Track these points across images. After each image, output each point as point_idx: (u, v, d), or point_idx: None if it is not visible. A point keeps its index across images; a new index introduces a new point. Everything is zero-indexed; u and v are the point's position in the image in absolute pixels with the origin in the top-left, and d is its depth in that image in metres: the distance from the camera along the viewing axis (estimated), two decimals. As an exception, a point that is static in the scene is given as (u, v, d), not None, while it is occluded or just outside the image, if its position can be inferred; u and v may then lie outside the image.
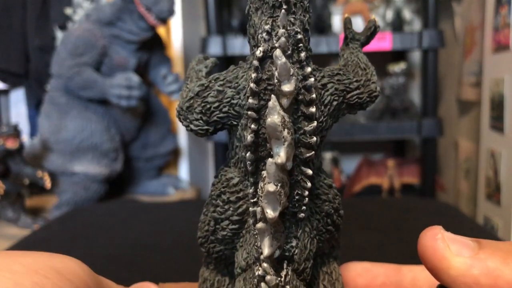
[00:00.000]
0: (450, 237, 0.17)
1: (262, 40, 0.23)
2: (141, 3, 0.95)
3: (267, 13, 0.24)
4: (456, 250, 0.17)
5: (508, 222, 0.90)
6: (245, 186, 0.26)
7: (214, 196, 0.26)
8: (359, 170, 1.29)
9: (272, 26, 0.23)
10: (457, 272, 0.16)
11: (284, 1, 0.23)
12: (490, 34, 0.99)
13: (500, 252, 0.16)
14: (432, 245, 0.17)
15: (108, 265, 0.48)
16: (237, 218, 0.26)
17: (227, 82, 0.25)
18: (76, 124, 0.98)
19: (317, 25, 1.22)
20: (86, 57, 0.96)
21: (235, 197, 0.26)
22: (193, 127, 0.26)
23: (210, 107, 0.25)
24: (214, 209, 0.26)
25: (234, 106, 0.25)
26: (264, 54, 0.23)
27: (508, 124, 0.91)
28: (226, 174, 0.26)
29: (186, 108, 0.26)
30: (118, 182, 1.11)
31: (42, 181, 0.89)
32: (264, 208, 0.22)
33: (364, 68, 0.29)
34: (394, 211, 0.64)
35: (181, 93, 0.27)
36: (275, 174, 0.22)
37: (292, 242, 0.24)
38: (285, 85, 0.22)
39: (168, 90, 1.09)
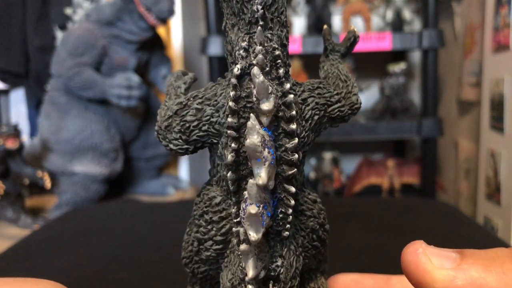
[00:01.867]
0: (431, 251, 0.17)
1: (240, 57, 0.23)
2: (141, 3, 0.95)
3: (244, 29, 0.23)
4: (438, 263, 0.17)
5: (508, 222, 0.90)
6: (227, 205, 0.25)
7: (196, 216, 0.26)
8: (359, 170, 1.29)
9: (249, 43, 0.23)
10: (441, 285, 0.16)
11: (260, 17, 0.23)
12: (490, 34, 0.99)
13: (482, 261, 0.16)
14: (414, 260, 0.17)
15: (108, 265, 0.48)
16: (221, 239, 0.25)
17: (206, 99, 0.25)
18: (76, 124, 0.98)
19: (317, 25, 1.22)
20: (86, 57, 0.96)
21: (217, 216, 0.25)
22: (173, 146, 0.26)
23: (189, 126, 0.25)
24: (197, 229, 0.26)
25: (214, 124, 0.25)
26: (242, 71, 0.23)
27: (508, 124, 0.91)
28: (208, 193, 0.26)
29: (164, 128, 0.26)
30: (118, 182, 1.11)
31: (42, 181, 0.89)
32: (247, 230, 0.21)
33: (344, 80, 0.28)
34: (394, 211, 0.64)
35: (160, 111, 0.27)
36: (256, 195, 0.21)
37: (278, 262, 0.24)
38: (264, 104, 0.21)
39: (168, 90, 1.09)
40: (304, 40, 1.12)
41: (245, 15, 0.23)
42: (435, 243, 0.19)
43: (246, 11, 0.23)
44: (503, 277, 0.15)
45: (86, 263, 0.48)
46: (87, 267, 0.47)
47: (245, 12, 0.23)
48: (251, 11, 0.23)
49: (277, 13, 0.23)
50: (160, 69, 1.11)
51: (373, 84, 1.37)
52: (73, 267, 0.47)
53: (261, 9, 0.23)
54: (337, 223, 0.59)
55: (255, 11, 0.23)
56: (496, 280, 0.15)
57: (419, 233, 0.54)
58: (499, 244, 0.49)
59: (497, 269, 0.16)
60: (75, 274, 0.45)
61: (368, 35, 1.11)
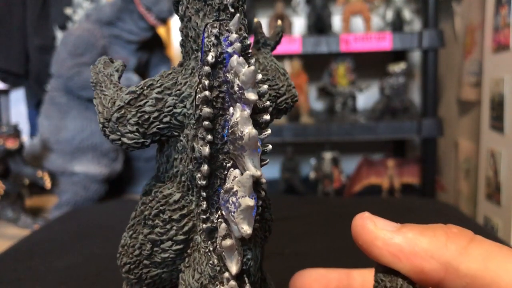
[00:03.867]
0: (376, 218, 0.20)
1: (211, 45, 0.22)
2: (141, 3, 0.95)
3: (212, 16, 0.22)
4: (381, 225, 0.20)
5: (508, 222, 0.90)
6: (187, 202, 0.24)
7: (149, 216, 0.24)
8: (359, 170, 1.29)
9: (220, 30, 0.22)
10: (383, 242, 0.19)
11: (231, 4, 0.22)
12: (490, 34, 0.99)
13: (418, 228, 0.19)
14: (361, 223, 0.20)
15: (108, 265, 0.48)
16: (183, 238, 0.24)
17: (166, 88, 0.23)
18: (76, 124, 0.98)
19: (317, 25, 1.22)
20: (86, 57, 0.96)
21: (178, 215, 0.23)
22: (127, 140, 0.23)
23: (149, 117, 0.23)
24: (151, 230, 0.24)
25: (177, 115, 0.23)
26: (215, 60, 0.22)
27: (508, 124, 0.91)
28: (163, 191, 0.24)
29: (116, 120, 0.23)
30: (118, 182, 1.11)
31: (42, 181, 0.89)
32: (239, 223, 0.21)
33: (283, 74, 0.27)
34: (394, 211, 0.64)
35: (100, 101, 0.24)
36: (251, 187, 0.21)
37: (248, 255, 0.23)
38: (250, 93, 0.21)
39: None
40: (304, 40, 1.12)
41: (212, 0, 0.22)
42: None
43: None
44: (434, 239, 0.18)
45: (86, 263, 0.48)
46: (87, 267, 0.47)
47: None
48: None
49: (241, 1, 0.23)
50: (160, 69, 1.11)
51: (373, 84, 1.37)
52: (73, 267, 0.47)
53: None
54: (337, 223, 0.59)
55: None
56: (428, 241, 0.18)
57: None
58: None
59: (430, 233, 0.18)
60: (75, 274, 0.45)
61: (368, 35, 1.11)
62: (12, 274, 0.45)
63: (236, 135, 0.21)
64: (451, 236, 0.18)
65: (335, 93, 1.23)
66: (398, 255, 0.18)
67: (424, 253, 0.18)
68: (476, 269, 0.17)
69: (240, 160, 0.21)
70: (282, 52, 1.13)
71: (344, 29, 1.18)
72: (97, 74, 0.26)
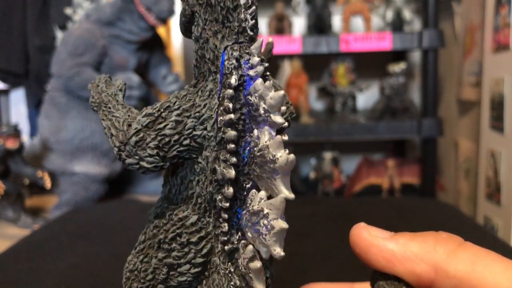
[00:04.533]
0: (371, 228, 0.22)
1: (232, 68, 0.22)
2: (141, 3, 0.95)
3: (231, 38, 0.22)
4: (375, 233, 0.21)
5: (508, 222, 0.90)
6: (204, 224, 0.23)
7: (165, 239, 0.24)
8: (359, 170, 1.29)
9: (241, 53, 0.22)
10: (377, 249, 0.20)
11: (250, 28, 0.22)
12: (490, 34, 0.99)
13: (409, 234, 0.21)
14: (357, 232, 0.21)
15: (108, 265, 0.48)
16: (201, 260, 0.23)
17: (184, 111, 0.23)
18: (76, 124, 0.98)
19: (317, 25, 1.22)
20: (86, 57, 0.96)
21: (196, 238, 0.23)
22: (146, 164, 0.23)
23: (170, 140, 0.22)
24: (167, 254, 0.24)
25: (197, 137, 0.23)
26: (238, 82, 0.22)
27: (508, 124, 0.91)
28: (178, 213, 0.24)
29: (134, 143, 0.22)
30: (118, 182, 1.11)
31: (42, 181, 0.88)
32: (271, 246, 0.20)
33: None
34: (394, 211, 0.64)
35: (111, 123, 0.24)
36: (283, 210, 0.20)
37: (267, 273, 0.23)
38: (277, 116, 0.21)
39: (168, 90, 1.09)
40: (304, 40, 1.12)
41: (231, 23, 0.22)
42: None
43: (231, 19, 0.22)
44: (423, 244, 0.20)
45: (86, 263, 0.48)
46: (87, 267, 0.47)
47: (231, 20, 0.22)
48: (238, 19, 0.22)
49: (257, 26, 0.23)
50: (160, 69, 1.11)
51: (373, 84, 1.37)
52: (73, 267, 0.47)
53: (251, 19, 0.22)
54: (337, 223, 0.59)
55: (243, 20, 0.22)
56: (418, 246, 0.20)
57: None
58: (499, 244, 0.49)
59: (420, 238, 0.20)
60: (75, 274, 0.45)
61: (368, 35, 1.11)
62: (12, 274, 0.45)
63: (266, 158, 0.20)
64: (440, 240, 0.20)
65: (335, 93, 1.23)
66: (391, 260, 0.20)
67: (415, 256, 0.19)
68: (464, 271, 0.18)
69: (269, 182, 0.21)
70: (282, 52, 1.13)
71: (344, 29, 1.18)
72: (100, 94, 0.26)
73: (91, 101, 0.26)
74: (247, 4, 0.22)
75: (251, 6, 0.22)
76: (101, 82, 0.27)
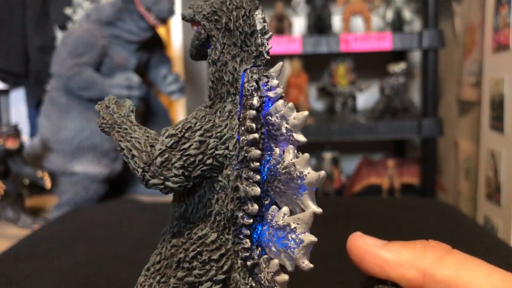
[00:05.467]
0: (366, 236, 0.23)
1: (253, 89, 0.23)
2: (141, 3, 0.95)
3: (250, 62, 0.24)
4: (369, 241, 0.22)
5: (508, 222, 0.90)
6: (223, 241, 0.24)
7: (185, 258, 0.24)
8: (359, 170, 1.29)
9: (259, 76, 0.23)
10: (371, 256, 0.22)
11: (266, 52, 0.24)
12: (490, 34, 0.99)
13: (401, 243, 0.22)
14: (353, 241, 0.23)
15: (108, 265, 0.48)
16: (223, 277, 0.24)
17: (206, 131, 0.23)
18: (76, 124, 0.98)
19: (317, 25, 1.22)
20: (86, 57, 0.96)
21: (217, 255, 0.24)
22: (171, 184, 0.23)
23: (195, 160, 0.23)
24: (187, 272, 0.24)
25: (219, 157, 0.23)
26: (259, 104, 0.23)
27: (508, 124, 0.91)
28: (197, 232, 0.24)
29: (160, 164, 0.23)
30: (118, 182, 1.11)
31: (42, 181, 0.88)
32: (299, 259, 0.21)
33: None
34: (394, 211, 0.64)
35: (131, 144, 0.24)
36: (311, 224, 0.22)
37: None
38: (299, 135, 0.23)
39: (168, 90, 1.09)
40: (304, 40, 1.12)
41: (249, 47, 0.24)
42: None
43: (249, 44, 0.24)
44: (413, 251, 0.21)
45: (86, 263, 0.48)
46: (87, 267, 0.47)
47: (249, 45, 0.24)
48: (255, 44, 0.24)
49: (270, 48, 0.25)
50: (160, 69, 1.11)
51: (373, 84, 1.37)
52: (73, 267, 0.47)
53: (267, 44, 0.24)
54: (337, 223, 0.59)
55: (260, 45, 0.24)
56: (407, 253, 0.21)
57: (419, 233, 0.54)
58: (499, 244, 0.49)
59: (410, 246, 0.21)
60: (75, 274, 0.45)
61: (368, 35, 1.11)
62: (12, 274, 0.45)
63: (292, 175, 0.21)
64: (428, 248, 0.21)
65: (335, 93, 1.23)
66: (384, 266, 0.21)
67: (405, 262, 0.21)
68: (449, 275, 0.19)
69: (294, 198, 0.22)
70: (282, 52, 1.13)
71: (344, 29, 1.18)
72: (112, 115, 0.26)
73: (102, 122, 0.26)
74: (263, 30, 0.24)
75: (267, 32, 0.24)
76: (111, 103, 0.27)
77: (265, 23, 0.24)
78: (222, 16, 0.24)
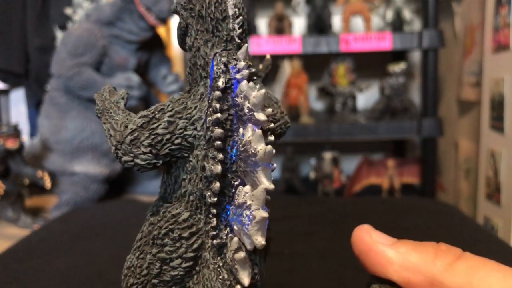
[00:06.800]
0: (375, 231, 0.22)
1: (220, 72, 0.24)
2: (141, 3, 0.95)
3: (220, 46, 0.24)
4: (377, 237, 0.21)
5: (508, 222, 0.90)
6: (196, 221, 0.25)
7: (158, 235, 0.25)
8: (359, 170, 1.29)
9: (228, 59, 0.24)
10: (375, 253, 0.21)
11: (237, 36, 0.24)
12: (490, 34, 0.99)
13: (411, 243, 0.21)
14: (359, 234, 0.22)
15: (108, 265, 0.48)
16: (192, 255, 0.25)
17: (177, 113, 0.25)
18: (76, 124, 0.98)
19: (317, 25, 1.22)
20: (86, 57, 0.96)
21: (187, 233, 0.25)
22: (140, 161, 0.24)
23: (162, 139, 0.24)
24: (160, 249, 0.25)
25: (188, 137, 0.24)
26: (225, 85, 0.24)
27: (508, 124, 0.91)
28: (171, 211, 0.25)
29: (129, 142, 0.24)
30: (118, 182, 1.11)
31: (42, 181, 0.88)
32: (253, 235, 0.22)
33: (276, 102, 0.30)
34: (394, 211, 0.64)
35: (110, 125, 0.25)
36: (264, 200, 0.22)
37: (255, 269, 0.24)
38: (259, 114, 0.22)
39: (168, 90, 1.09)
40: (304, 40, 1.12)
41: (220, 32, 0.24)
42: (435, 243, 0.20)
43: (221, 29, 0.24)
44: (423, 255, 0.20)
45: (86, 263, 0.48)
46: (87, 267, 0.47)
47: (220, 30, 0.24)
48: (226, 29, 0.24)
49: (245, 34, 0.25)
50: (160, 69, 1.11)
51: (373, 84, 1.37)
52: (73, 267, 0.47)
53: (238, 28, 0.24)
54: (337, 223, 0.59)
55: (231, 30, 0.24)
56: (417, 257, 0.20)
57: (419, 233, 0.54)
58: (499, 244, 0.49)
59: (420, 249, 0.20)
60: (75, 274, 0.45)
61: (368, 35, 1.11)
62: (12, 274, 0.45)
63: (249, 152, 0.22)
64: (439, 253, 0.20)
65: (335, 93, 1.23)
66: (387, 267, 0.20)
67: (413, 267, 0.20)
68: (460, 284, 0.18)
69: (252, 176, 0.22)
70: (282, 52, 1.13)
71: (344, 29, 1.18)
72: (104, 101, 0.28)
73: (96, 109, 0.28)
74: (235, 15, 0.24)
75: (239, 17, 0.24)
76: (105, 91, 0.29)
77: (236, 9, 0.24)
78: (196, 4, 0.25)
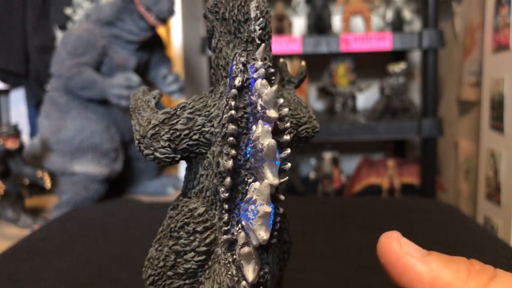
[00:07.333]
0: (404, 240, 0.20)
1: (238, 71, 0.24)
2: (141, 3, 0.95)
3: (241, 47, 0.25)
4: (407, 249, 0.20)
5: (508, 222, 0.90)
6: (211, 216, 0.25)
7: (175, 228, 0.26)
8: (359, 170, 1.29)
9: (247, 59, 0.24)
10: (404, 266, 0.19)
11: (258, 37, 0.25)
12: (490, 34, 0.99)
13: (443, 259, 0.19)
14: (388, 242, 0.20)
15: (108, 265, 0.48)
16: (205, 249, 0.25)
17: (196, 110, 0.26)
18: (76, 124, 0.98)
19: (317, 25, 1.22)
20: (86, 57, 0.96)
21: (201, 227, 0.25)
22: (159, 155, 0.26)
23: (180, 134, 0.25)
24: (175, 241, 0.26)
25: (205, 133, 0.25)
26: (242, 84, 0.24)
27: (508, 124, 0.91)
28: (188, 205, 0.26)
29: (150, 136, 0.26)
30: (118, 182, 1.11)
31: (42, 181, 0.88)
32: (256, 230, 0.22)
33: (305, 107, 0.30)
34: (394, 211, 0.64)
35: (137, 121, 0.27)
36: (268, 196, 0.22)
37: (265, 268, 0.24)
38: (271, 111, 0.23)
39: (168, 90, 1.09)
40: (304, 40, 1.12)
41: (242, 34, 0.25)
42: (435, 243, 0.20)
43: (242, 31, 0.25)
44: (456, 274, 0.18)
45: (86, 263, 0.48)
46: (87, 267, 0.47)
47: (242, 31, 0.25)
48: (247, 30, 0.25)
49: (268, 36, 0.26)
50: (160, 69, 1.11)
51: (373, 84, 1.37)
52: (73, 267, 0.47)
53: (259, 30, 0.25)
54: (337, 223, 0.59)
55: (252, 31, 0.25)
56: (450, 276, 0.18)
57: (419, 233, 0.54)
58: (499, 244, 0.49)
59: (453, 267, 0.19)
60: (75, 274, 0.45)
61: (368, 35, 1.11)
62: (12, 274, 0.45)
63: (257, 148, 0.22)
64: (473, 273, 0.18)
65: (335, 93, 1.23)
66: (416, 283, 0.19)
67: (443, 285, 0.18)
68: None
69: (260, 172, 0.23)
70: (282, 52, 1.13)
71: (344, 29, 1.18)
72: (136, 100, 0.29)
73: (130, 107, 0.29)
74: (256, 17, 0.25)
75: (260, 18, 0.25)
76: (140, 91, 0.30)
77: (258, 11, 0.25)
78: (220, 7, 0.26)
